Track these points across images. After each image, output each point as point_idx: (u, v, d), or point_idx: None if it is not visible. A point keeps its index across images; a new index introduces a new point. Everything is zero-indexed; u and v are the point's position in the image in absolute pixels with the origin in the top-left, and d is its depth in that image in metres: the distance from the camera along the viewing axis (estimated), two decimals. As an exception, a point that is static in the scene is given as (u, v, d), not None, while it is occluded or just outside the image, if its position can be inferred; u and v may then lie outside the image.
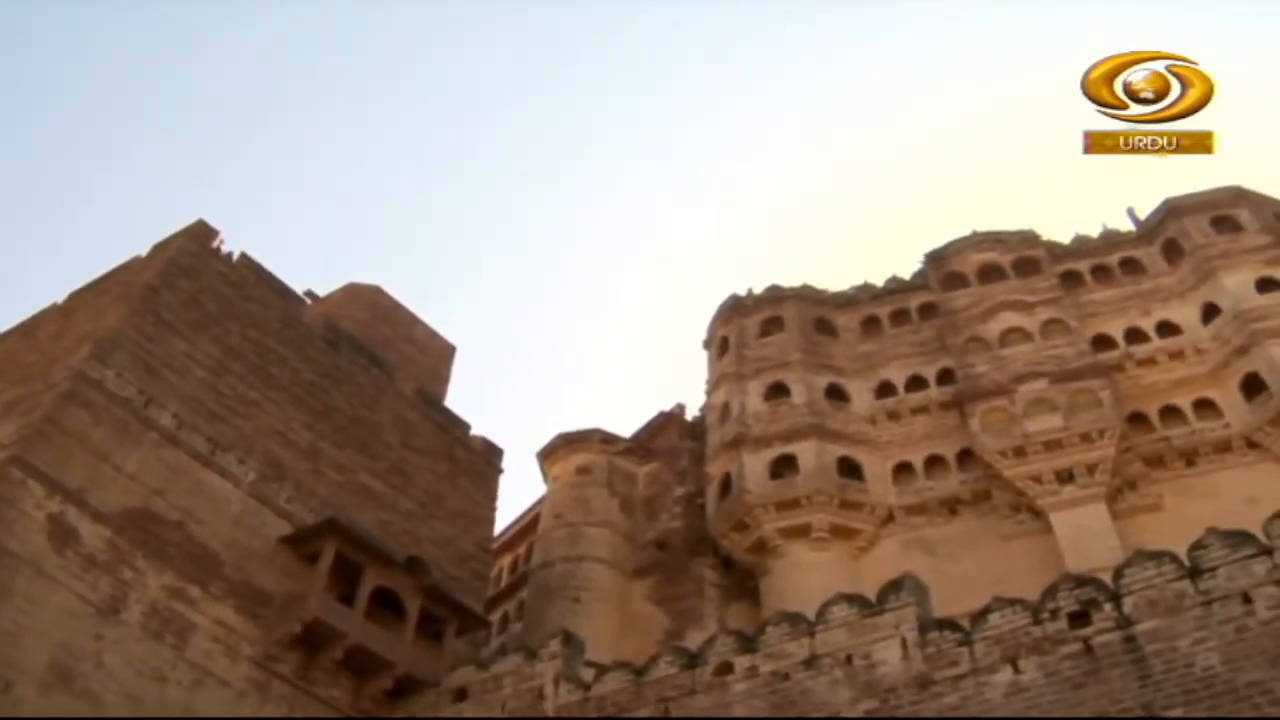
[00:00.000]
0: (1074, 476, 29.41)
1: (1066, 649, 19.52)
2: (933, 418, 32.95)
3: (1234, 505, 26.34)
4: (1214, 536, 20.02)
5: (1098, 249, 36.54)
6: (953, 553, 29.53)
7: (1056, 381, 31.43)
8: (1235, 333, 31.49)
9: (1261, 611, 18.46)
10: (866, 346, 35.83)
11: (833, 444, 32.37)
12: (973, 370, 32.90)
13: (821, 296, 38.00)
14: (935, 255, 37.61)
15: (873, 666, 20.71)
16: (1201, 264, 33.69)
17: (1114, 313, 34.03)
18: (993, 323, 34.07)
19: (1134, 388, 31.77)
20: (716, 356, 37.39)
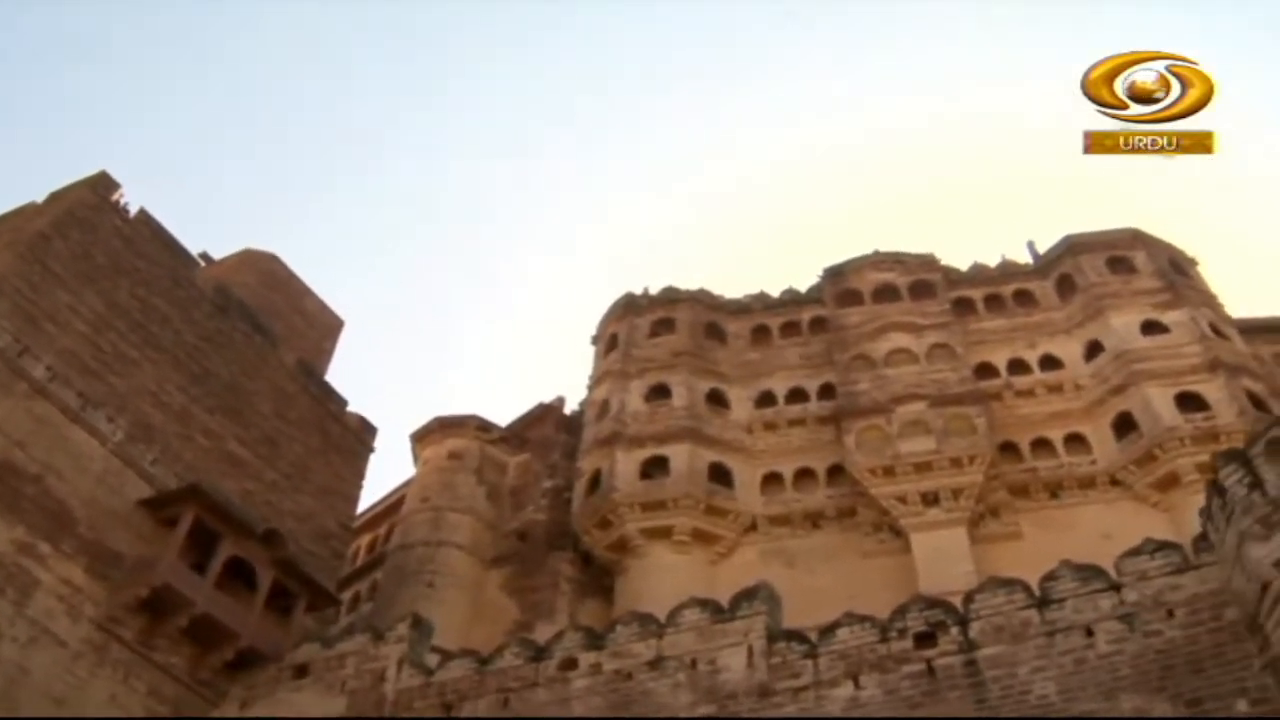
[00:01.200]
0: (939, 500, 29.26)
1: (909, 668, 19.53)
2: (809, 431, 32.63)
3: (1090, 540, 26.36)
4: (1066, 569, 20.18)
5: (993, 279, 36.53)
6: (811, 565, 29.16)
7: (935, 405, 31.29)
8: (1115, 372, 31.53)
9: (1102, 645, 18.70)
10: (753, 355, 35.48)
11: (706, 449, 31.92)
12: (854, 387, 32.66)
13: (716, 302, 37.63)
14: (834, 271, 37.39)
15: (717, 672, 20.51)
16: (1092, 302, 33.74)
17: (1000, 342, 33.97)
18: (881, 342, 33.86)
19: (1010, 417, 31.68)
20: (604, 352, 36.84)
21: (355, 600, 33.96)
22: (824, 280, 37.28)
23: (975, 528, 29.06)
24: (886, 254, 37.47)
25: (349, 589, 33.64)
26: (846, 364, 33.57)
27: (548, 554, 31.53)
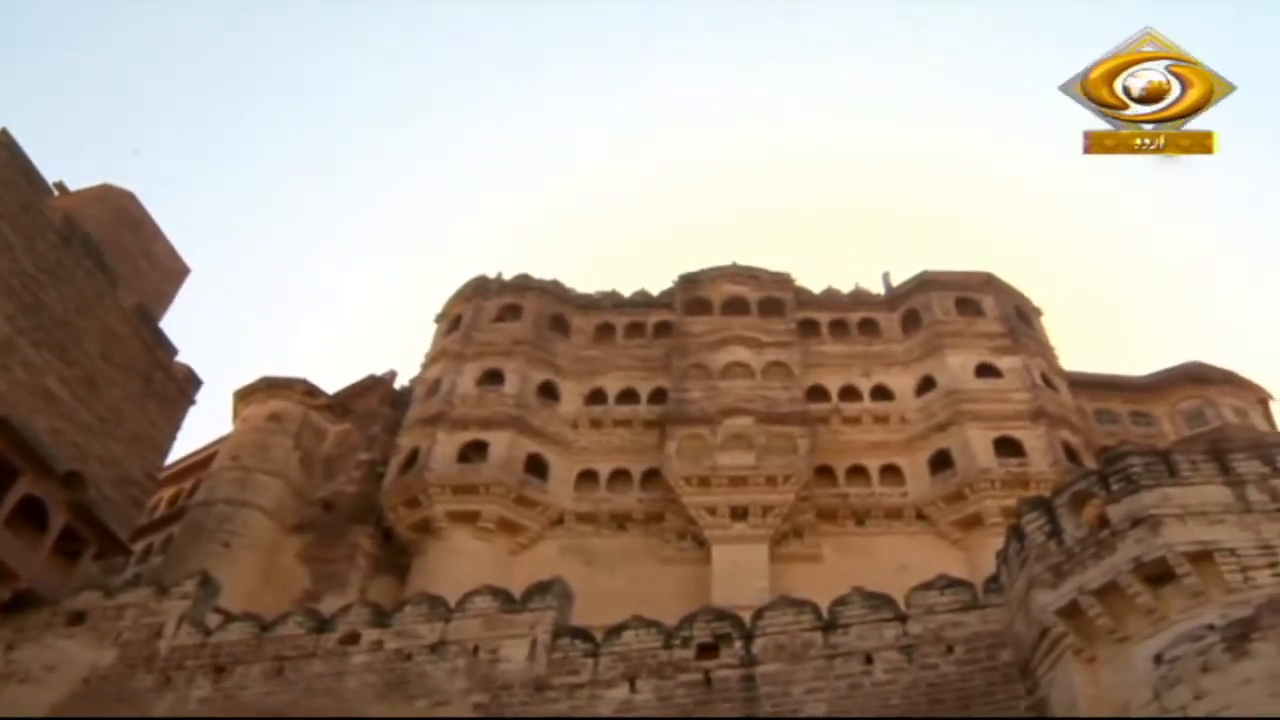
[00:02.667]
0: (748, 515, 29.09)
1: (687, 677, 19.36)
2: (633, 433, 32.33)
3: (887, 569, 26.38)
4: (856, 595, 20.22)
5: (843, 304, 36.60)
6: (610, 565, 28.81)
7: (761, 422, 31.11)
8: (942, 409, 31.70)
9: (879, 673, 18.82)
10: (593, 351, 35.12)
11: (528, 439, 31.47)
12: (686, 395, 32.40)
13: (566, 295, 37.23)
14: (689, 278, 37.19)
15: (497, 662, 20.17)
16: (933, 339, 33.94)
17: (837, 367, 33.96)
18: (721, 353, 33.67)
19: (833, 442, 31.64)
20: (445, 331, 36.19)
21: (147, 552, 32.80)
22: (677, 286, 37.05)
23: (778, 546, 28.94)
24: (743, 268, 37.36)
25: (143, 540, 32.48)
26: (683, 371, 33.33)
27: (350, 527, 30.75)
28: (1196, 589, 15.26)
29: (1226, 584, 15.16)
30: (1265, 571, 15.27)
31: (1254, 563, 15.35)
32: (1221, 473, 16.76)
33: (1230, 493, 16.44)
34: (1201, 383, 33.49)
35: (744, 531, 28.68)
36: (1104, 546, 16.35)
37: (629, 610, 21.53)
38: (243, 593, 27.75)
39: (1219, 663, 14.54)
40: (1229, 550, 15.47)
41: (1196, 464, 17.19)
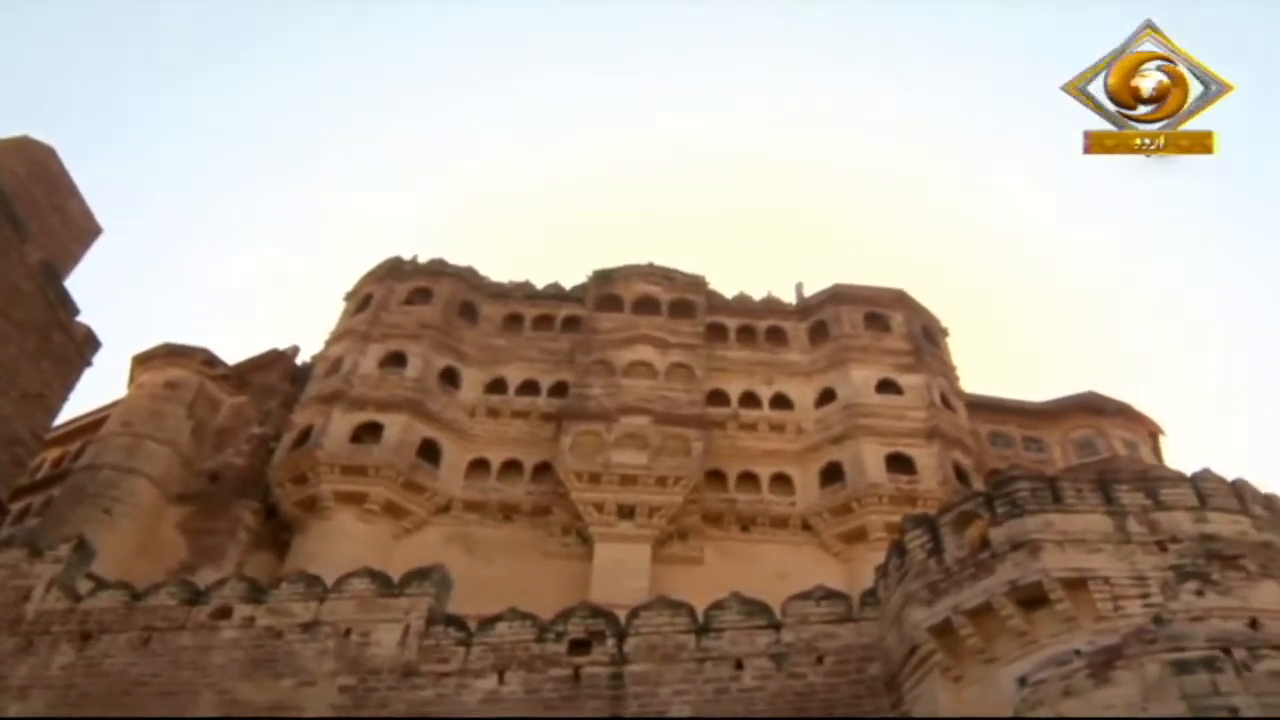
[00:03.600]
0: (634, 514, 29.09)
1: (556, 671, 19.44)
2: (530, 425, 32.20)
3: (767, 577, 26.63)
4: (734, 601, 20.34)
5: (753, 311, 36.71)
6: (491, 556, 28.66)
7: (658, 422, 31.16)
8: (839, 422, 31.87)
9: (747, 679, 19.00)
10: (499, 341, 34.96)
11: (424, 424, 31.24)
12: (587, 391, 32.35)
13: (479, 282, 37.03)
14: (603, 274, 37.14)
15: (368, 645, 20.07)
16: (839, 352, 34.14)
17: (740, 373, 34.05)
18: (626, 351, 33.65)
19: (728, 447, 31.72)
20: (353, 310, 35.87)
21: (25, 513, 32.15)
22: (591, 281, 36.98)
23: (661, 547, 28.95)
24: (659, 268, 37.39)
25: (21, 500, 31.86)
26: (586, 366, 33.27)
27: (234, 500, 30.30)
28: (1068, 615, 15.51)
29: (1098, 612, 15.42)
30: (1136, 602, 15.52)
31: (1126, 592, 15.62)
32: (1105, 502, 17.09)
33: (1111, 522, 16.75)
34: (1096, 413, 33.99)
35: (629, 530, 28.67)
36: (982, 568, 16.62)
37: (507, 601, 21.55)
38: (119, 560, 27.34)
39: (1081, 688, 14.79)
40: (1103, 579, 15.74)
41: (1082, 492, 17.46)
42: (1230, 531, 16.79)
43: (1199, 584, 15.77)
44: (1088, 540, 16.48)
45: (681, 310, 35.71)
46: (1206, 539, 16.47)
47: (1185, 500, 17.21)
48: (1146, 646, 14.96)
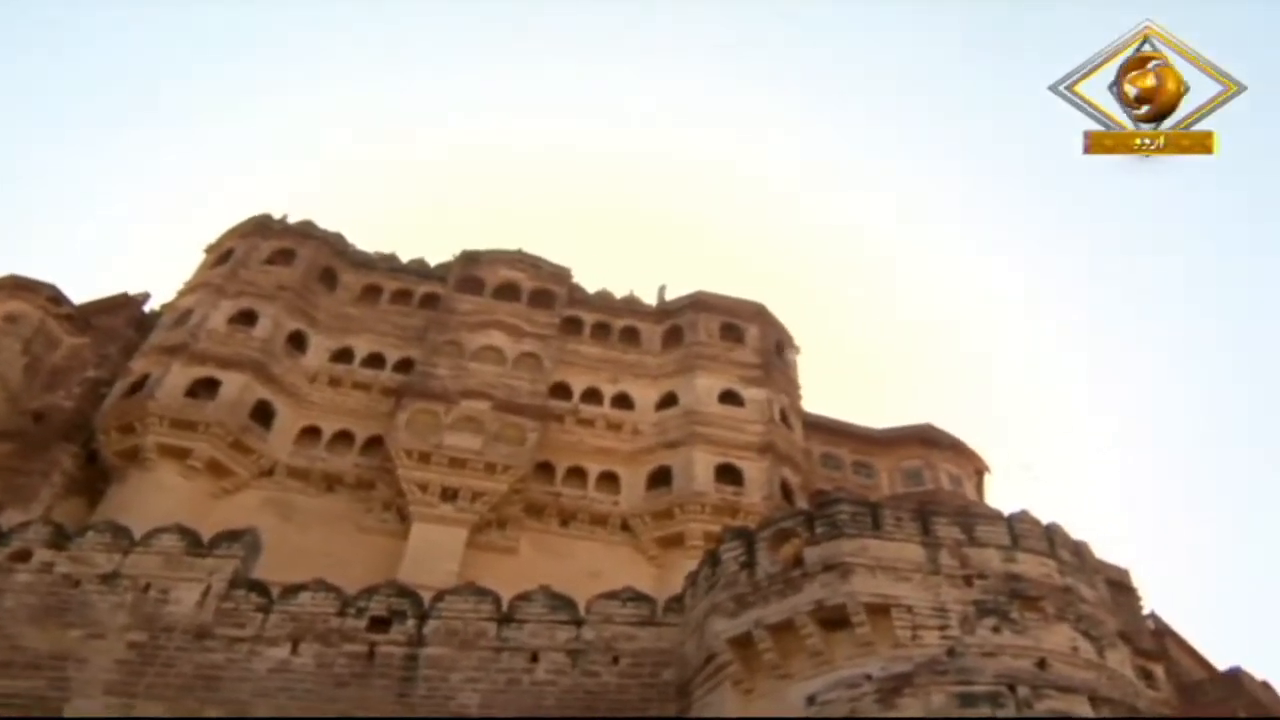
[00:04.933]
0: (457, 497, 29.17)
1: (351, 647, 19.56)
2: (370, 398, 32.16)
3: (579, 573, 26.88)
4: (541, 594, 20.68)
5: (612, 309, 37.00)
6: (307, 525, 28.60)
7: (498, 409, 31.30)
8: (676, 428, 32.25)
9: (541, 673, 19.35)
10: (353, 310, 34.84)
11: (262, 385, 31.01)
12: (432, 369, 32.36)
13: (345, 249, 36.85)
14: (470, 255, 37.20)
15: (165, 603, 20.00)
16: (689, 358, 34.55)
17: (588, 369, 34.32)
18: (479, 335, 33.75)
19: (562, 441, 31.98)
20: (212, 263, 35.42)
21: None
22: (456, 262, 36.98)
23: (478, 533, 29.04)
24: (527, 255, 37.52)
25: None
26: (436, 346, 33.27)
27: (55, 442, 29.76)
28: (867, 639, 16.07)
29: (896, 639, 16.02)
30: (935, 632, 16.18)
31: (926, 622, 16.25)
32: (922, 533, 17.75)
33: (924, 553, 17.41)
34: (928, 445, 34.81)
35: (448, 513, 28.76)
36: (792, 585, 17.16)
37: (317, 572, 21.72)
38: (-78, 496, 26.92)
39: (867, 711, 15.52)
40: (907, 607, 16.37)
41: (901, 521, 18.10)
42: (1036, 573, 17.53)
43: (997, 621, 16.47)
44: (899, 568, 17.06)
45: (541, 300, 35.86)
46: (1013, 578, 17.19)
47: (998, 539, 17.92)
48: (936, 677, 15.70)
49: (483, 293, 35.58)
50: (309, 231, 36.55)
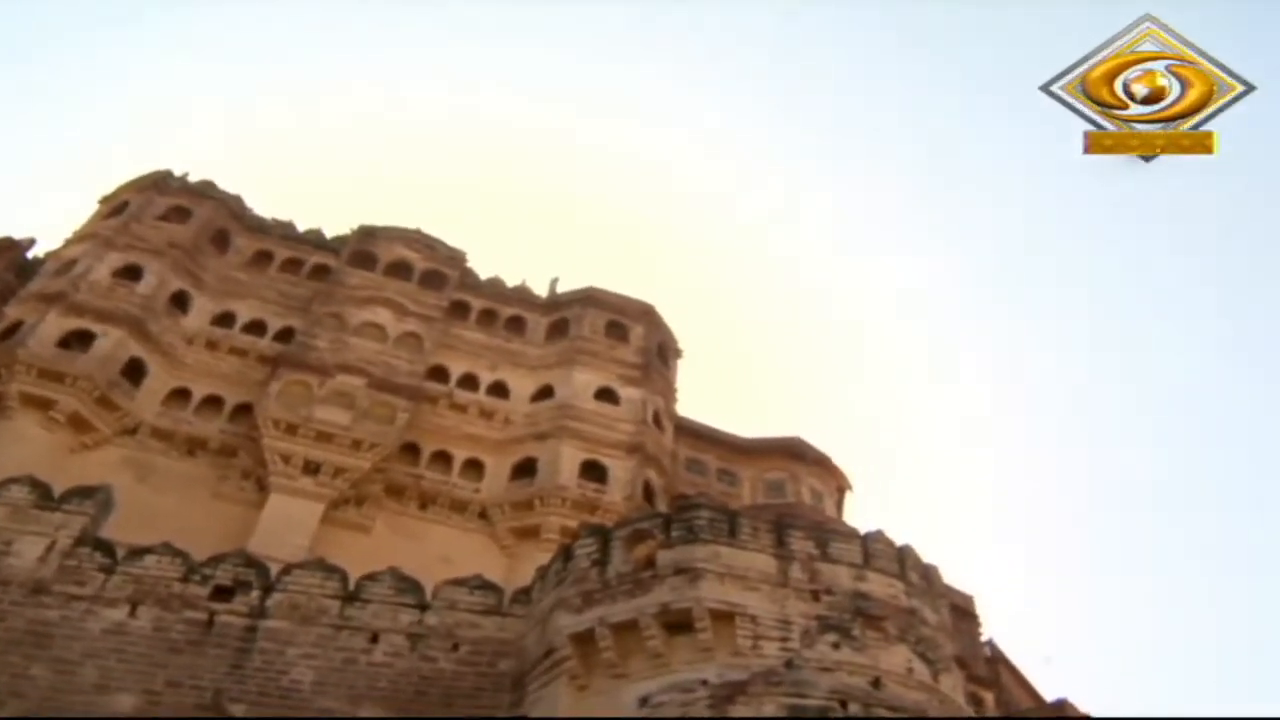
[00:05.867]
0: (319, 471, 29.33)
1: (191, 614, 19.53)
2: (245, 364, 32.22)
3: (430, 557, 27.23)
4: (389, 575, 20.73)
5: (502, 297, 37.31)
6: (164, 487, 28.58)
7: (372, 386, 31.51)
8: (548, 420, 32.67)
9: (379, 654, 19.38)
10: (241, 275, 34.84)
11: (139, 342, 30.91)
12: (312, 341, 32.47)
13: (242, 213, 36.81)
14: (367, 230, 37.29)
15: (7, 555, 19.84)
16: (571, 352, 34.98)
17: (469, 354, 34.63)
18: (364, 311, 33.93)
19: (433, 424, 32.24)
20: (105, 214, 35.19)
21: None
22: (353, 235, 37.09)
23: (335, 509, 29.23)
24: (425, 235, 37.71)
25: None
26: (319, 317, 33.40)
27: (-81, 383, 29.47)
28: (707, 645, 16.39)
29: (736, 647, 16.33)
30: (775, 643, 16.52)
31: (768, 633, 16.60)
32: (776, 545, 18.08)
33: (776, 565, 17.78)
34: (794, 458, 35.50)
35: (307, 487, 28.93)
36: (641, 586, 17.44)
37: (168, 535, 21.66)
38: None
39: (698, 716, 15.74)
40: (751, 617, 16.70)
41: (758, 531, 18.45)
42: (883, 593, 17.95)
43: (838, 637, 16.86)
44: (749, 578, 17.39)
45: (432, 281, 36.06)
46: (860, 596, 17.59)
47: (851, 557, 18.30)
48: (771, 688, 15.99)
49: (374, 269, 35.72)
50: (207, 192, 36.45)
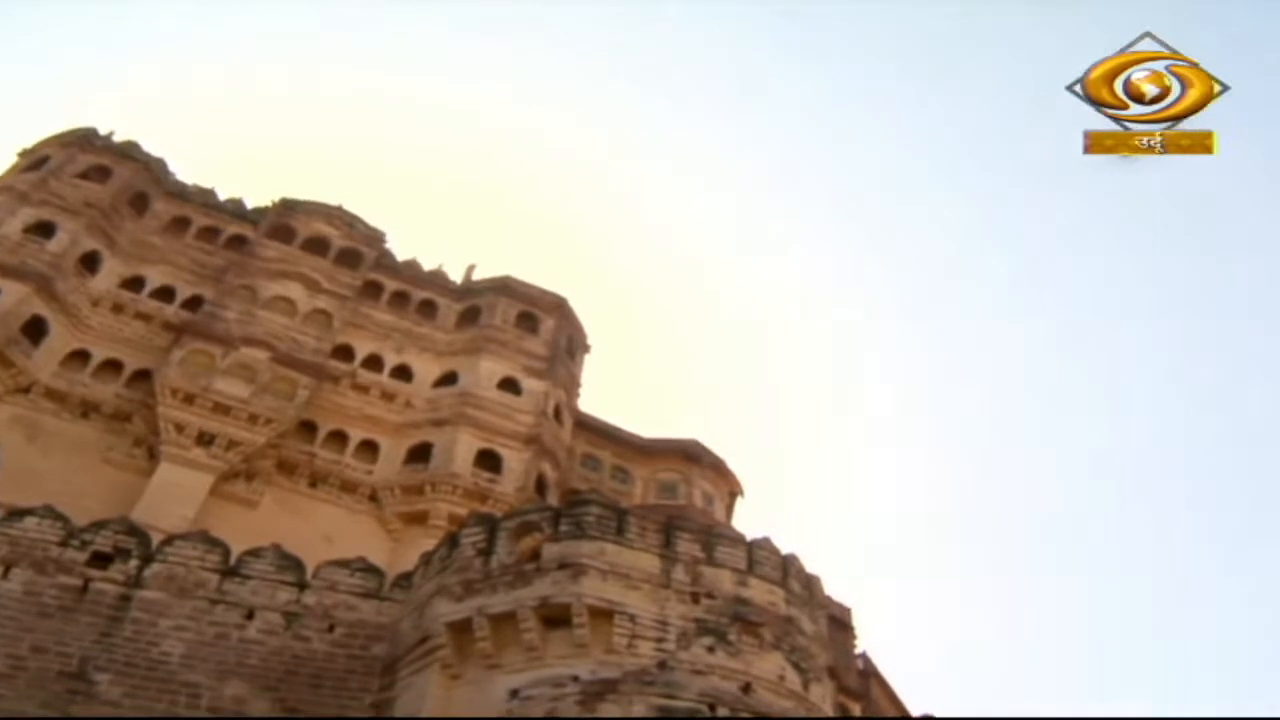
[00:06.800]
0: (212, 443, 29.43)
1: (66, 579, 19.45)
2: (150, 330, 32.28)
3: (315, 537, 27.60)
4: (271, 552, 20.72)
5: (417, 280, 37.54)
6: (51, 448, 28.61)
7: (276, 361, 31.66)
8: (449, 407, 33.02)
9: (253, 631, 19.37)
10: (156, 240, 34.81)
11: (43, 301, 30.81)
12: (221, 312, 32.56)
13: (164, 177, 36.82)
14: (289, 204, 37.43)
15: None
16: (479, 341, 35.34)
17: (377, 336, 34.90)
18: (276, 285, 34.08)
19: (333, 402, 32.50)
20: (23, 168, 34.95)
21: None
22: (273, 208, 37.22)
23: (224, 482, 29.36)
24: (345, 213, 37.80)
25: None
26: (230, 288, 33.51)
27: None
28: (583, 641, 16.53)
29: (612, 645, 16.47)
30: (651, 644, 16.67)
31: (645, 633, 16.74)
32: (663, 546, 18.20)
33: (660, 565, 17.88)
34: (690, 461, 36.10)
35: (199, 458, 29.02)
36: (523, 578, 17.54)
37: (51, 498, 21.76)
38: None
39: (566, 712, 15.92)
40: (630, 616, 16.84)
41: (645, 531, 18.53)
42: (763, 600, 18.15)
43: (714, 641, 17.04)
44: (632, 577, 17.49)
45: (348, 259, 36.24)
46: (740, 602, 17.77)
47: (735, 562, 18.42)
48: (642, 687, 16.17)
49: (292, 242, 35.83)
50: (130, 153, 36.38)
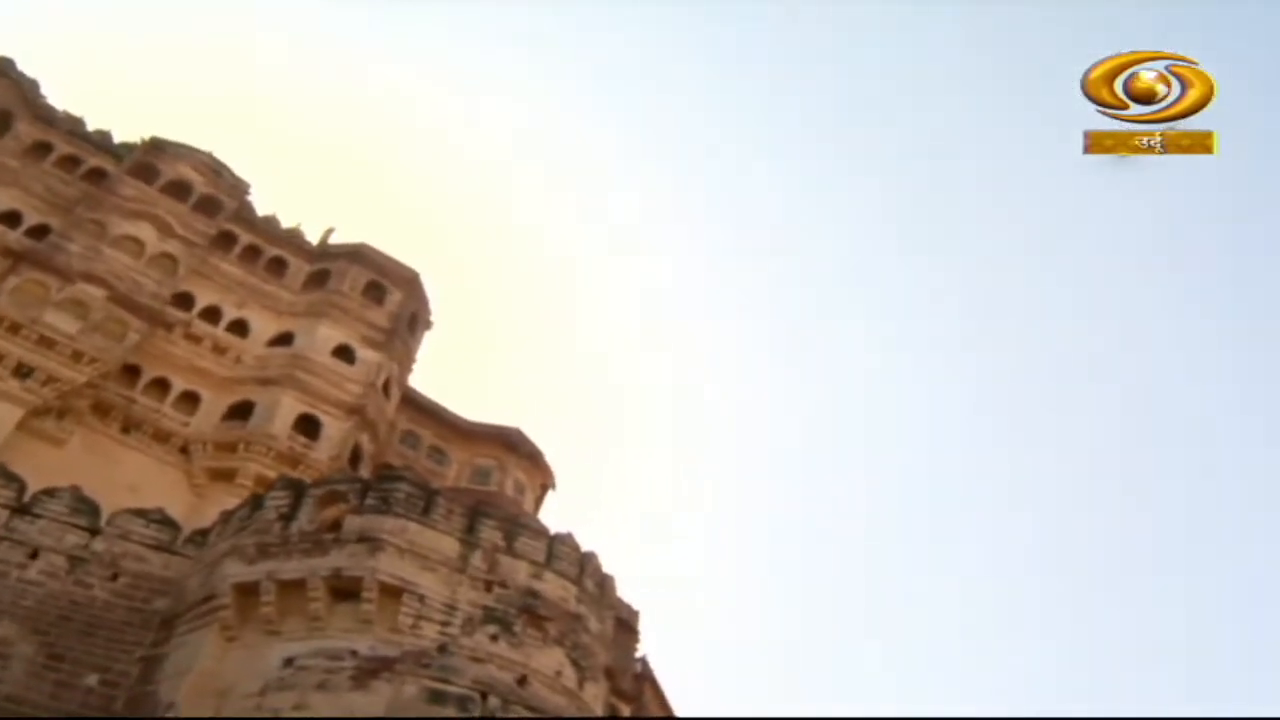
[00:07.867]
0: (30, 376, 29.43)
1: None
2: (-11, 255, 32.16)
3: (119, 484, 27.80)
4: (69, 494, 20.91)
5: (271, 237, 37.74)
6: None
7: (112, 300, 31.69)
8: (278, 367, 33.63)
9: (33, 571, 19.55)
10: (13, 161, 34.42)
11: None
12: (66, 244, 32.51)
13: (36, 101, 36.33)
14: (158, 143, 37.37)
15: None
16: (322, 304, 35.94)
17: (220, 288, 35.21)
18: (128, 223, 34.08)
19: (162, 350, 32.71)
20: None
21: None
22: (142, 146, 37.19)
23: (34, 418, 29.37)
24: (214, 160, 37.69)
25: None
26: (79, 221, 33.48)
27: None
28: (368, 616, 17.15)
29: (396, 624, 17.14)
30: (435, 626, 17.37)
31: (431, 615, 17.43)
32: (466, 530, 18.88)
33: (460, 550, 18.61)
34: (508, 449, 37.14)
35: (12, 389, 29.00)
36: (320, 547, 18.11)
37: None
38: None
39: (337, 686, 16.52)
40: (419, 597, 17.51)
41: (452, 514, 19.28)
42: (555, 595, 19.01)
43: (498, 630, 17.81)
44: (429, 558, 18.16)
45: (207, 207, 36.29)
46: (531, 594, 18.60)
47: (535, 554, 19.26)
48: (418, 669, 16.82)
49: (153, 183, 35.69)
50: (4, 69, 36.11)
